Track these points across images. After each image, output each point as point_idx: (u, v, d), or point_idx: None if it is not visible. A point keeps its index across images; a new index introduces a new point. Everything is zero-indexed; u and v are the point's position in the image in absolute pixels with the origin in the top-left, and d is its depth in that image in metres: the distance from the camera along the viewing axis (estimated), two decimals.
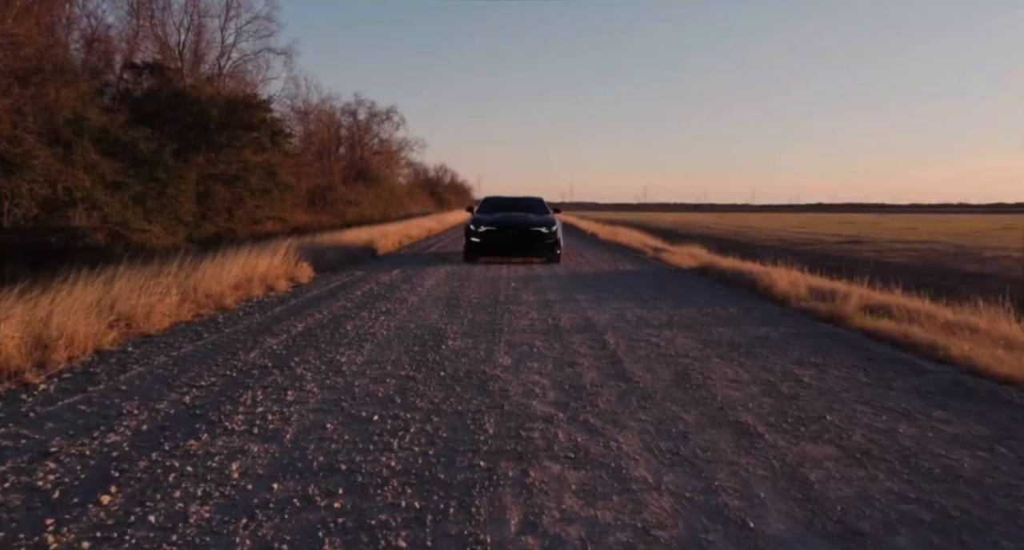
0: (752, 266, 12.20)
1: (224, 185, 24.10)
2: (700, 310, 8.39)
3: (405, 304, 8.65)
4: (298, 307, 8.38)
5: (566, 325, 7.24)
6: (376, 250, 17.80)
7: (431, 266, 13.96)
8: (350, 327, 6.99)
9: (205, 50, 33.34)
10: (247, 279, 9.77)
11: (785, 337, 6.73)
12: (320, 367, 5.23)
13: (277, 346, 6.00)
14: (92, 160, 16.07)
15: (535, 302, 8.93)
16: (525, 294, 9.67)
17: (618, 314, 8.00)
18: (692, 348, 6.14)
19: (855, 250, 26.98)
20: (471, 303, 8.77)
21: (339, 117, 50.12)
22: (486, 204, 16.64)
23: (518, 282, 11.15)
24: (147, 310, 6.86)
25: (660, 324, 7.39)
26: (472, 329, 6.97)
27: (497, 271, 12.92)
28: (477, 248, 14.76)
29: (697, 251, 19.32)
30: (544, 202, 16.64)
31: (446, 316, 7.77)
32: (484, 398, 4.47)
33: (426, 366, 5.34)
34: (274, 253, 11.37)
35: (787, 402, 4.43)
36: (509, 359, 5.63)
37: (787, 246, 29.97)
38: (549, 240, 14.62)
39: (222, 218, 24.05)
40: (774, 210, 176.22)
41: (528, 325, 7.22)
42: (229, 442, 3.54)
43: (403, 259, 16.23)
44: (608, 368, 5.35)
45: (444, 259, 15.95)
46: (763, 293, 9.77)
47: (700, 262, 14.24)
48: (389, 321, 7.38)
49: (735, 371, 5.28)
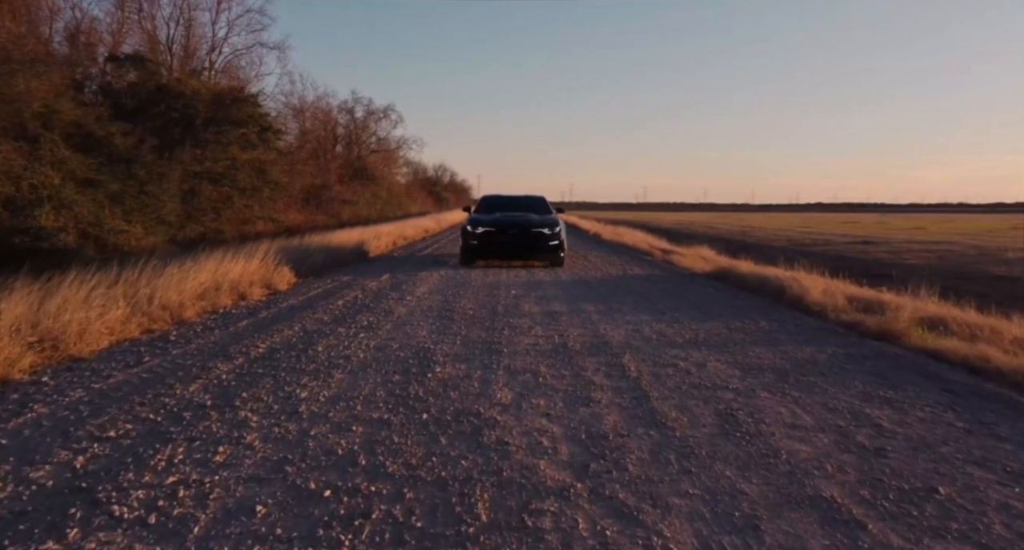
0: (775, 271, 11.14)
1: (211, 183, 23.01)
2: (727, 324, 7.32)
3: (391, 317, 7.59)
4: (267, 321, 7.32)
5: (576, 344, 6.18)
6: (367, 252, 16.74)
7: (425, 270, 12.90)
8: (322, 348, 5.92)
9: (195, 45, 32.27)
10: (215, 287, 8.71)
11: (836, 360, 5.67)
12: (272, 407, 4.17)
13: (227, 375, 4.94)
14: (62, 156, 14.99)
15: (538, 314, 7.87)
16: (527, 304, 8.61)
17: (634, 329, 6.94)
18: (730, 376, 5.08)
19: (869, 251, 25.91)
20: (466, 315, 7.71)
21: (336, 115, 49.04)
22: (484, 203, 15.59)
23: (519, 289, 10.09)
24: (82, 327, 5.79)
25: (685, 343, 6.33)
26: (466, 350, 5.91)
27: (496, 276, 11.86)
28: (475, 251, 13.70)
29: (706, 253, 18.33)
30: (546, 201, 15.58)
31: (436, 332, 6.70)
32: (476, 456, 3.41)
33: (406, 405, 4.28)
34: (249, 257, 10.32)
35: (874, 462, 3.38)
36: (509, 393, 4.57)
37: (796, 247, 28.93)
38: (552, 242, 13.57)
39: (209, 218, 22.96)
40: (774, 210, 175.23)
41: (531, 345, 6.15)
42: (105, 544, 2.48)
43: (395, 262, 15.17)
44: (633, 406, 4.29)
45: (439, 262, 14.89)
46: (793, 303, 8.71)
47: (715, 266, 13.17)
48: (369, 339, 6.31)
49: (791, 411, 4.22)
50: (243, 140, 23.52)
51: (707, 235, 38.78)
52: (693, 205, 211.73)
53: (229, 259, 9.86)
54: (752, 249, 26.33)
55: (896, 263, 20.73)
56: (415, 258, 16.40)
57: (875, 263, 20.44)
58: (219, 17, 31.39)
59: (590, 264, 14.66)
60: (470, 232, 13.66)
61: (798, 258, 22.14)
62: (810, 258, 22.57)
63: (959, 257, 22.25)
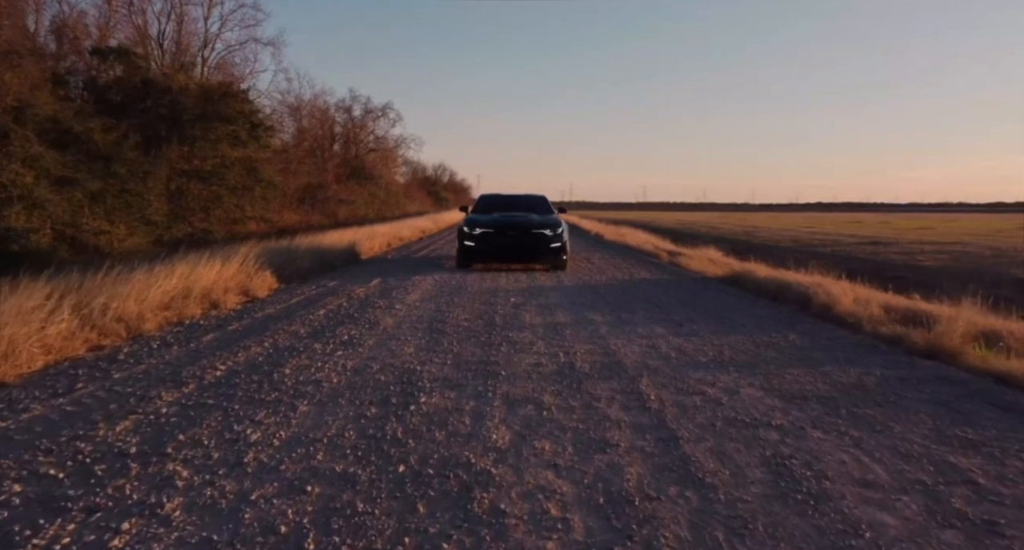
0: (794, 276, 10.31)
1: (199, 182, 22.23)
2: (753, 339, 6.51)
3: (375, 330, 6.78)
4: (236, 334, 6.50)
5: (585, 365, 5.37)
6: (359, 254, 15.92)
7: (418, 274, 12.09)
8: (290, 370, 5.11)
9: (188, 40, 31.43)
10: (184, 294, 7.90)
11: (889, 385, 4.86)
12: (211, 456, 3.35)
13: (169, 408, 4.12)
14: (35, 152, 14.18)
15: (540, 326, 7.06)
16: (528, 314, 7.80)
17: (649, 345, 6.13)
18: (770, 408, 4.27)
19: (880, 252, 25.09)
20: (460, 328, 6.89)
21: (333, 113, 48.22)
22: (482, 203, 14.77)
23: (519, 296, 9.28)
24: (8, 347, 4.98)
25: (709, 362, 5.52)
26: (457, 373, 5.09)
27: (494, 281, 11.05)
28: (471, 253, 12.88)
29: (714, 254, 17.58)
30: (547, 200, 14.77)
31: (425, 349, 5.89)
32: (462, 533, 2.60)
33: (379, 450, 3.47)
34: (226, 260, 9.50)
35: (991, 545, 2.56)
36: (507, 433, 3.76)
37: (803, 247, 28.12)
38: (554, 244, 12.75)
39: (198, 218, 22.16)
40: (774, 209, 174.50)
41: (533, 366, 5.34)
42: None
43: (388, 265, 14.35)
44: (659, 452, 3.48)
45: (435, 265, 14.08)
46: (821, 313, 7.89)
47: (728, 270, 12.36)
48: (347, 358, 5.50)
49: (855, 459, 3.41)
50: (233, 137, 22.71)
51: (710, 235, 37.99)
52: (693, 205, 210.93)
53: (205, 263, 9.06)
54: (759, 250, 25.52)
55: (910, 265, 19.93)
56: (409, 260, 15.59)
57: (888, 265, 19.65)
58: (211, 12, 30.60)
59: (594, 267, 13.85)
60: (467, 233, 12.85)
61: (807, 260, 21.35)
62: (820, 259, 21.75)
63: (975, 259, 21.43)
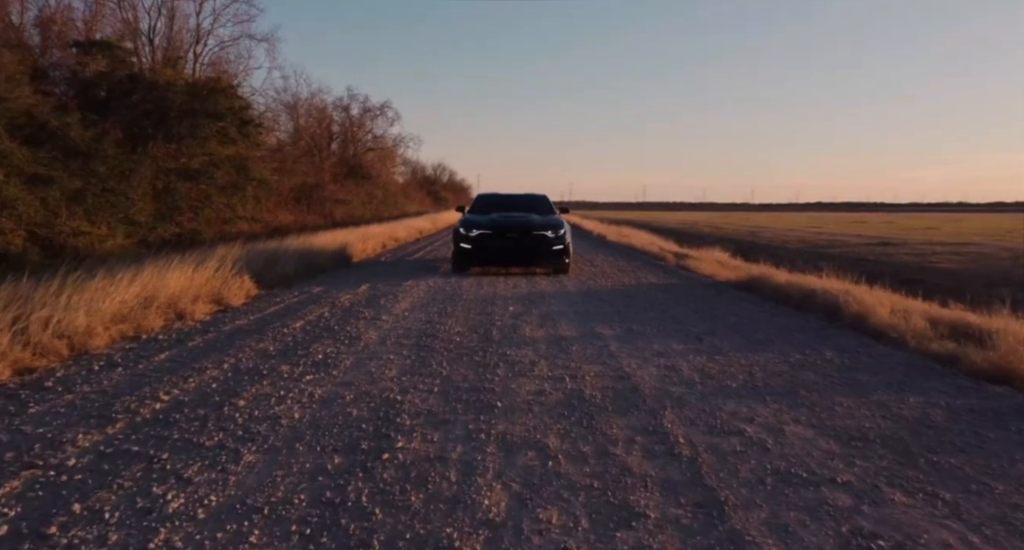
0: (817, 281, 9.49)
1: (187, 181, 21.38)
2: (785, 356, 5.70)
3: (355, 346, 5.96)
4: (194, 353, 5.68)
5: (595, 392, 4.55)
6: (350, 257, 15.11)
7: (411, 278, 11.27)
8: (245, 401, 4.29)
9: (179, 36, 30.61)
10: (146, 304, 7.08)
11: (962, 420, 4.04)
12: (106, 539, 2.53)
13: (78, 458, 3.30)
14: (5, 149, 13.36)
15: (543, 341, 6.24)
16: (528, 326, 6.98)
17: (668, 366, 5.31)
18: (828, 455, 3.45)
19: (890, 253, 24.28)
20: (451, 344, 6.08)
21: (331, 112, 47.40)
22: (480, 202, 13.96)
23: (518, 304, 8.47)
24: None
25: (741, 388, 4.70)
26: (445, 404, 4.28)
27: (492, 286, 10.23)
28: (468, 256, 12.06)
29: (722, 256, 16.82)
30: (549, 200, 13.95)
31: (409, 372, 5.08)
32: None
33: (335, 526, 2.65)
34: (201, 264, 8.70)
35: None
36: (503, 495, 2.94)
37: (811, 248, 27.33)
38: (556, 246, 11.93)
39: (186, 218, 21.32)
40: (775, 209, 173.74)
41: (534, 394, 4.53)
42: None
43: (380, 269, 13.54)
44: (702, 528, 2.67)
45: (429, 268, 13.26)
46: (855, 324, 7.08)
47: (743, 274, 11.54)
48: (317, 385, 4.68)
49: (962, 539, 2.60)
50: (222, 135, 21.88)
51: (714, 236, 37.17)
52: (693, 204, 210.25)
53: (176, 267, 8.25)
54: (765, 251, 24.69)
55: (925, 267, 19.12)
56: (403, 263, 14.77)
57: (903, 267, 18.83)
58: (203, 7, 29.73)
59: (598, 271, 13.04)
60: (463, 235, 12.04)
61: (817, 261, 20.56)
62: (830, 261, 20.94)
63: (993, 261, 20.62)
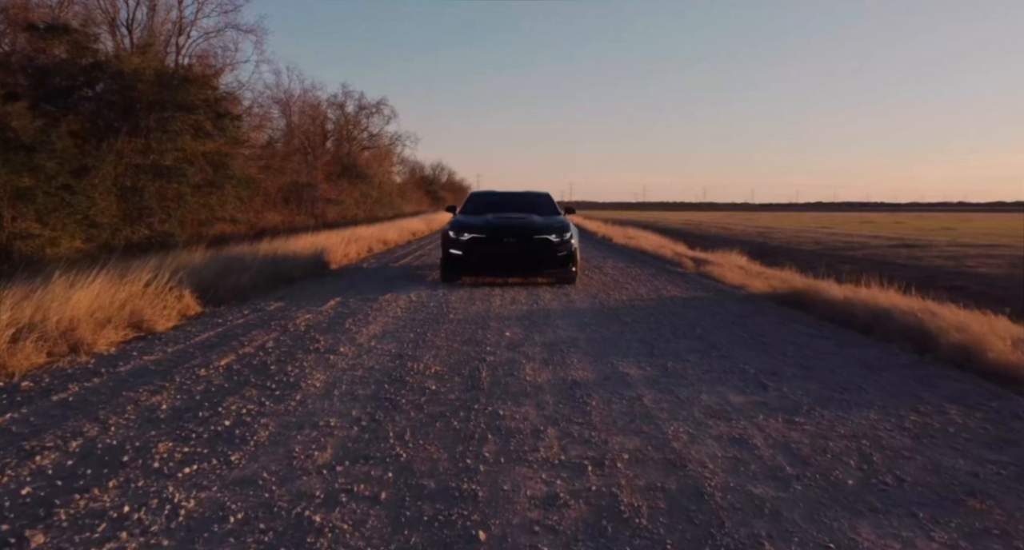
0: (881, 296, 7.77)
1: (157, 179, 19.66)
2: (893, 417, 3.98)
3: (287, 401, 4.25)
4: (46, 416, 3.95)
5: (638, 502, 2.83)
6: (328, 263, 13.39)
7: (392, 290, 9.56)
8: (46, 538, 2.58)
9: (161, 27, 28.83)
10: (22, 333, 5.37)
11: None
12: None
13: None
14: None
15: (549, 390, 4.54)
16: (529, 363, 5.27)
17: (735, 438, 3.60)
18: None
19: (916, 255, 22.49)
20: (423, 398, 4.37)
21: (325, 109, 45.61)
22: (473, 202, 12.25)
23: (517, 326, 6.76)
24: None
25: (864, 488, 2.98)
26: (392, 533, 2.57)
27: (486, 301, 8.53)
28: (458, 264, 10.34)
29: (742, 261, 15.17)
30: (552, 199, 12.25)
31: (352, 456, 3.36)
32: None
33: None
34: (120, 278, 7.00)
35: None
36: None
37: (830, 251, 25.59)
38: (561, 251, 10.22)
39: (157, 219, 19.59)
40: (775, 209, 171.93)
41: (541, 505, 2.80)
42: None
43: (359, 277, 11.82)
44: None
45: (415, 277, 11.55)
46: (958, 358, 5.37)
47: (781, 284, 9.79)
48: (194, 486, 2.97)
49: None
50: (196, 128, 20.16)
51: (722, 237, 35.49)
52: (693, 204, 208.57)
53: (91, 280, 6.57)
54: (782, 253, 22.99)
55: (962, 272, 17.36)
56: (387, 271, 13.05)
57: (937, 272, 17.09)
58: None
59: (609, 280, 11.32)
60: (452, 239, 10.31)
61: (839, 264, 18.86)
62: (853, 264, 19.24)
63: None
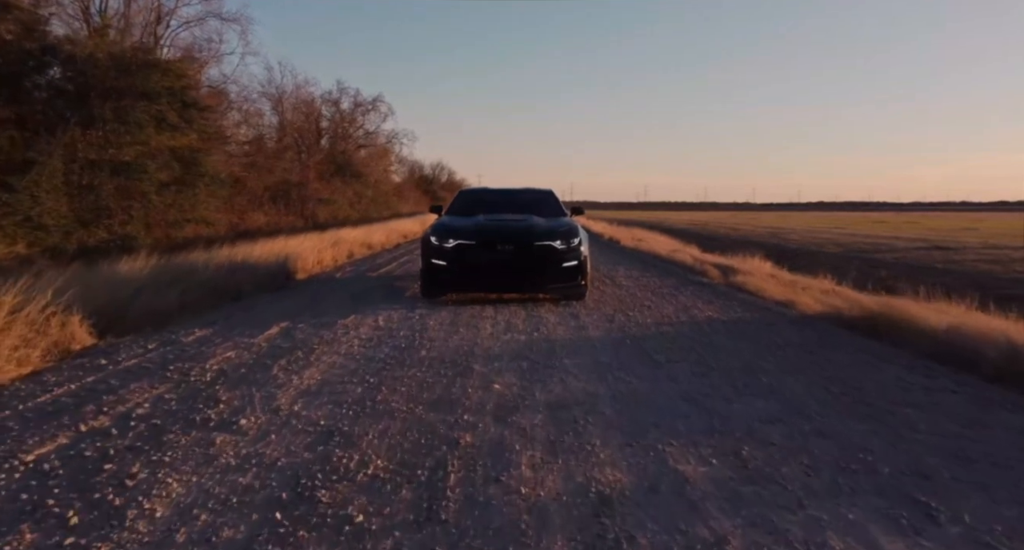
0: (1000, 324, 5.82)
1: (116, 176, 17.69)
2: None
3: None
4: None
5: None
6: (294, 272, 11.43)
7: (357, 311, 7.62)
8: None
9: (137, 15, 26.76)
10: None
11: None
12: None
13: None
14: None
15: (559, 512, 2.58)
16: (526, 450, 3.32)
17: None
18: None
19: (955, 260, 20.46)
20: (337, 537, 2.43)
21: (319, 106, 43.55)
22: (462, 200, 10.32)
23: (510, 372, 4.80)
24: None
25: None
26: None
27: (472, 327, 6.57)
28: (441, 277, 8.37)
29: (765, 266, 13.35)
30: (556, 197, 10.31)
31: None
32: None
33: None
34: None
35: None
36: None
37: (853, 253, 23.64)
38: (568, 261, 8.27)
39: (117, 221, 17.62)
40: (777, 208, 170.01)
41: None
42: None
43: (325, 290, 9.86)
44: None
45: (391, 292, 9.60)
46: None
47: (845, 304, 7.82)
48: None
49: None
50: (160, 120, 18.21)
51: (732, 238, 33.62)
52: (695, 204, 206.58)
53: None
54: (803, 256, 21.04)
55: (1017, 279, 15.45)
56: (361, 282, 11.08)
57: (987, 278, 15.07)
58: None
59: (625, 293, 9.37)
60: (435, 246, 8.36)
61: (873, 269, 16.87)
62: (886, 269, 17.25)
63: None
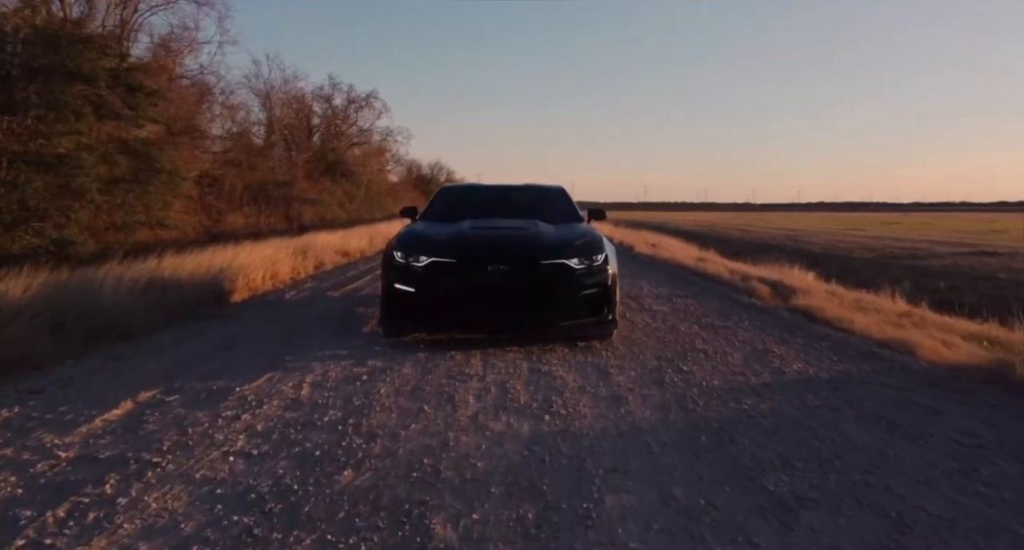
0: None
1: (46, 171, 15.05)
2: None
3: None
4: None
5: None
6: (229, 292, 8.84)
7: (279, 365, 5.06)
8: None
9: None
10: None
11: None
12: None
13: None
14: None
15: None
16: None
17: None
18: None
19: (1015, 268, 17.89)
20: None
21: (310, 101, 40.74)
22: (444, 200, 7.80)
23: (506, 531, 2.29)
24: None
25: None
26: None
27: (446, 400, 4.00)
28: (409, 310, 5.74)
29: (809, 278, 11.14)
30: (568, 196, 7.72)
31: None
32: None
33: None
34: None
35: None
36: None
37: (891, 259, 21.13)
38: (590, 287, 5.71)
39: (51, 224, 14.96)
40: (778, 209, 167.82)
41: None
42: None
43: (255, 323, 7.26)
44: None
45: (344, 326, 7.03)
46: None
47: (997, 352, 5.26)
48: None
49: None
50: (99, 105, 15.58)
51: (747, 240, 31.30)
52: (695, 204, 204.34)
53: None
54: (833, 263, 18.49)
55: None
56: (312, 308, 8.48)
57: None
58: None
59: (662, 325, 6.80)
60: (399, 265, 5.77)
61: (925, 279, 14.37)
62: (945, 279, 14.77)
63: None
